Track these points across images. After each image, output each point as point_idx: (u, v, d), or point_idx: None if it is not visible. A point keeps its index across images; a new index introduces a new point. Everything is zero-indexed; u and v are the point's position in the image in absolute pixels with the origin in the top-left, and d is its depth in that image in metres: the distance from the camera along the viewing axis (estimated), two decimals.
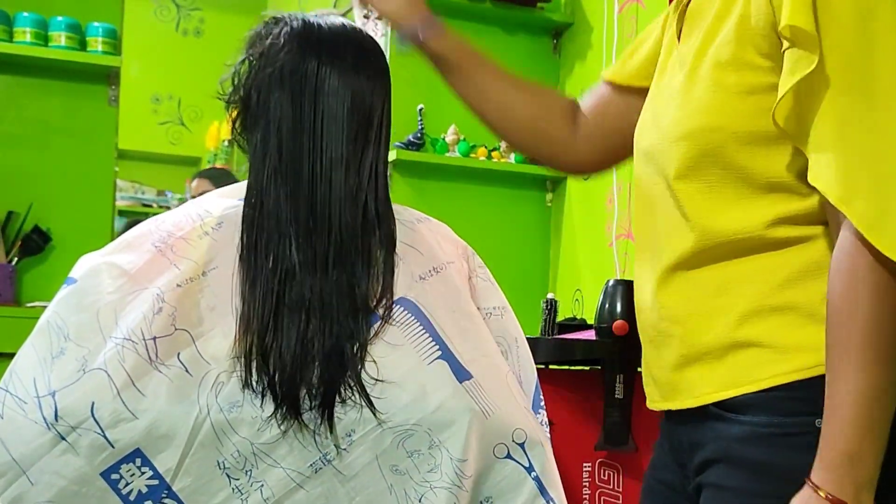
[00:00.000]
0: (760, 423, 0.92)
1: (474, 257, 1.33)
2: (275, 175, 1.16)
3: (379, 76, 1.23)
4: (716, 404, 0.96)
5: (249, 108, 1.19)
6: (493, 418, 1.11)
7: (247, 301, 1.11)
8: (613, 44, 2.80)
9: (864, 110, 0.84)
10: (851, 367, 0.84)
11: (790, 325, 0.92)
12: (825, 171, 0.85)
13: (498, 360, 1.20)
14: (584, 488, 1.76)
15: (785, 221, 0.93)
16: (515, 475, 1.12)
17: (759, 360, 0.93)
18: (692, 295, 0.98)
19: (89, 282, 1.13)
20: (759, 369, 0.93)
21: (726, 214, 0.95)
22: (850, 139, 0.84)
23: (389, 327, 1.14)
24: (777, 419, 0.91)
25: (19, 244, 2.70)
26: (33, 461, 1.02)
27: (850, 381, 0.84)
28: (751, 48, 0.92)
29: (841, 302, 0.85)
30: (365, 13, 1.52)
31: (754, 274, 0.94)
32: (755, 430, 0.92)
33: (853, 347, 0.84)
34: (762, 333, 0.93)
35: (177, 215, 1.21)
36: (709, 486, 0.98)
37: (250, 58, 1.23)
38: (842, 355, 0.85)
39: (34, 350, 1.08)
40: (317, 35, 1.21)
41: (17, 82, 2.76)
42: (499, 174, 3.06)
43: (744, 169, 0.94)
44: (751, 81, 0.92)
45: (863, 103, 0.84)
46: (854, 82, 0.84)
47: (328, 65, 1.19)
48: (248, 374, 1.07)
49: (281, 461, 1.06)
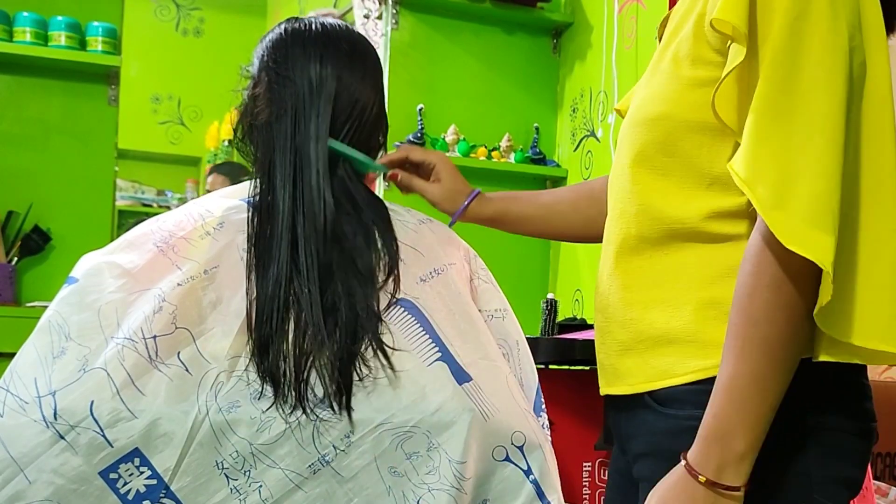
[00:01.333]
0: (685, 417, 0.95)
1: (476, 259, 1.34)
2: (279, 174, 1.16)
3: (371, 74, 1.24)
4: (649, 394, 0.99)
5: (251, 112, 1.21)
6: (493, 421, 1.11)
7: (254, 297, 1.12)
8: (613, 44, 2.81)
9: (782, 102, 0.87)
10: (736, 352, 0.88)
11: (714, 320, 0.95)
12: (739, 156, 0.88)
13: (499, 362, 1.20)
14: (584, 488, 1.76)
15: (721, 216, 0.96)
16: (514, 478, 1.12)
17: (685, 354, 0.96)
18: (631, 284, 1.02)
19: (90, 281, 1.13)
20: (684, 363, 0.96)
21: (668, 202, 0.99)
22: (764, 128, 0.87)
23: (389, 328, 1.15)
24: (699, 412, 0.92)
25: (19, 244, 2.70)
26: (31, 459, 1.02)
27: (732, 364, 0.88)
28: (705, 44, 0.95)
29: (740, 289, 0.89)
30: (365, 13, 1.52)
31: (687, 267, 0.98)
32: (680, 423, 0.96)
33: (741, 334, 0.88)
34: (689, 328, 0.96)
35: (178, 215, 1.22)
36: (643, 479, 1.01)
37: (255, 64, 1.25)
38: (731, 339, 0.89)
39: (35, 350, 1.08)
40: (313, 37, 1.22)
41: (17, 82, 2.76)
42: (499, 174, 3.06)
43: (689, 158, 0.97)
44: (703, 75, 0.95)
45: (783, 95, 0.87)
46: (778, 75, 0.87)
47: (324, 66, 1.20)
48: (263, 363, 1.08)
49: (280, 462, 1.06)
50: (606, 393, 1.09)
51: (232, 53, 4.65)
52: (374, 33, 3.16)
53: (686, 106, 0.97)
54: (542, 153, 3.09)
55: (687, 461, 0.89)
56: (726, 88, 0.90)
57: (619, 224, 1.05)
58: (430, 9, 2.98)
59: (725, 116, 0.91)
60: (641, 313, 1.01)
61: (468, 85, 3.05)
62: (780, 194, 0.84)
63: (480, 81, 3.07)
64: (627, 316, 1.03)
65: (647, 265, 1.01)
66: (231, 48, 4.98)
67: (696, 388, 0.95)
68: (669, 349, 0.98)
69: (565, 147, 3.11)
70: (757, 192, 0.85)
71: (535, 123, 3.11)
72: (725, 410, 0.88)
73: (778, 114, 0.87)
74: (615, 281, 1.05)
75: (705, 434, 0.89)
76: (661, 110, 0.99)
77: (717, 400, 0.89)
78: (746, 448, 0.87)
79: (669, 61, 1.00)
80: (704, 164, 0.96)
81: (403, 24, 2.95)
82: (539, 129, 3.11)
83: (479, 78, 3.07)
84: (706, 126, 0.95)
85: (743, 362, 0.87)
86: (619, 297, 1.04)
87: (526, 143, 3.10)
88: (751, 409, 0.87)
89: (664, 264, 0.99)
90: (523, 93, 3.12)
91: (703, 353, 0.95)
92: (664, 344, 0.98)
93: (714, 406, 0.89)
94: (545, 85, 3.15)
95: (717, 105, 0.91)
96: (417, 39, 2.97)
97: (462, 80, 3.04)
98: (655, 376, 0.99)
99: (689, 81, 0.96)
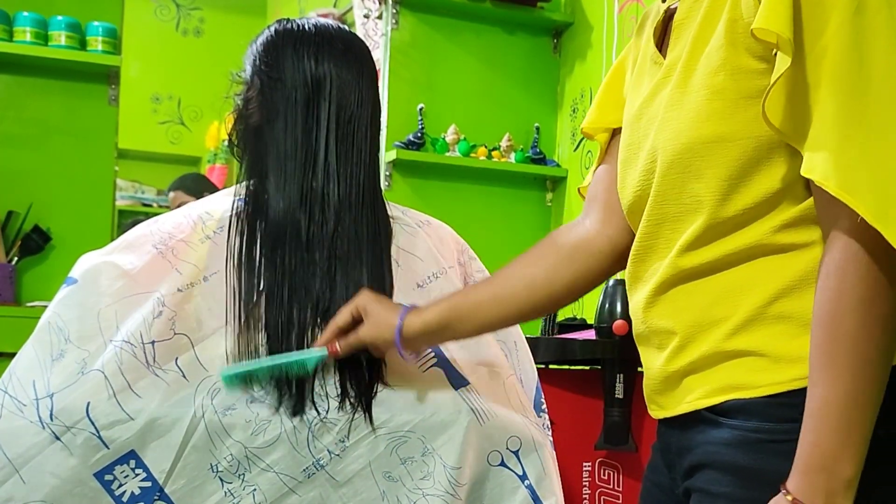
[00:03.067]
0: (749, 429, 0.91)
1: (474, 261, 1.33)
2: (272, 178, 1.15)
3: (367, 73, 1.23)
4: (707, 409, 0.95)
5: (244, 116, 1.20)
6: (488, 426, 1.10)
7: (248, 300, 1.11)
8: (613, 44, 2.81)
9: (857, 103, 0.83)
10: (830, 373, 0.83)
11: (785, 334, 0.91)
12: (821, 163, 0.83)
13: (499, 364, 1.20)
14: (584, 488, 1.76)
15: (786, 226, 0.92)
16: (509, 483, 1.11)
17: (754, 368, 0.92)
18: (688, 304, 0.97)
19: (90, 282, 1.13)
20: (753, 376, 0.91)
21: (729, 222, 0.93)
22: (846, 132, 0.83)
23: None
24: (766, 425, 0.90)
25: (19, 244, 2.70)
26: (27, 460, 1.01)
27: (827, 387, 0.83)
28: (743, 51, 0.90)
29: (827, 307, 0.84)
30: (365, 13, 1.51)
31: (751, 282, 0.93)
32: (745, 434, 0.91)
33: (835, 355, 0.83)
34: (758, 342, 0.92)
35: (177, 217, 1.21)
36: (697, 490, 0.97)
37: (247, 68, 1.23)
38: (822, 361, 0.84)
39: (34, 352, 1.08)
40: (304, 38, 1.20)
41: (17, 82, 2.76)
42: (499, 174, 3.06)
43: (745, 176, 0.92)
44: (748, 86, 0.90)
45: (856, 97, 0.83)
46: (846, 77, 0.84)
47: (318, 66, 1.18)
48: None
49: (274, 466, 1.06)
50: (660, 417, 1.03)
51: (232, 53, 4.63)
52: (374, 33, 3.15)
53: (740, 123, 0.90)
54: (542, 153, 3.09)
55: (791, 493, 0.84)
56: (776, 95, 0.86)
57: (661, 247, 0.99)
58: (430, 9, 2.98)
59: (779, 123, 0.86)
60: (703, 334, 0.95)
61: (468, 85, 3.05)
62: (884, 198, 0.80)
63: (481, 81, 3.07)
64: (685, 336, 0.96)
65: (704, 285, 0.95)
66: (231, 48, 4.95)
67: (763, 401, 0.90)
68: (734, 364, 0.93)
69: (565, 147, 3.11)
70: (862, 200, 0.80)
71: (536, 123, 3.11)
72: (827, 438, 0.82)
73: (860, 119, 0.83)
74: (668, 305, 0.99)
75: (809, 465, 0.83)
76: (714, 132, 0.91)
77: (813, 427, 0.83)
78: (854, 472, 0.83)
79: (703, 75, 0.92)
80: (767, 181, 0.91)
81: (403, 24, 2.95)
82: (539, 129, 3.11)
83: (479, 78, 3.07)
84: (765, 142, 0.90)
85: (841, 384, 0.82)
86: (675, 319, 0.98)
87: (526, 143, 3.10)
88: (854, 432, 0.82)
89: (725, 282, 0.94)
90: (523, 93, 3.12)
91: (775, 367, 0.90)
92: (729, 360, 0.93)
93: (813, 432, 0.83)
94: (545, 85, 3.15)
95: (769, 113, 0.86)
96: (417, 39, 2.97)
97: (462, 80, 3.04)
98: (717, 391, 0.94)
99: (736, 95, 0.90)
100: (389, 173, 2.94)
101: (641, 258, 1.02)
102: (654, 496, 1.09)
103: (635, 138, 1.03)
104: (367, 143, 1.21)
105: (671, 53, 0.99)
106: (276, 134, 1.16)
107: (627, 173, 1.05)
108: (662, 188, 0.97)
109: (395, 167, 2.95)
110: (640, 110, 1.03)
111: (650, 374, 1.03)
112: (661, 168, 0.97)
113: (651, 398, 1.04)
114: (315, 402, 1.08)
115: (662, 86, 0.98)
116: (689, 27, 0.96)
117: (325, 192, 1.16)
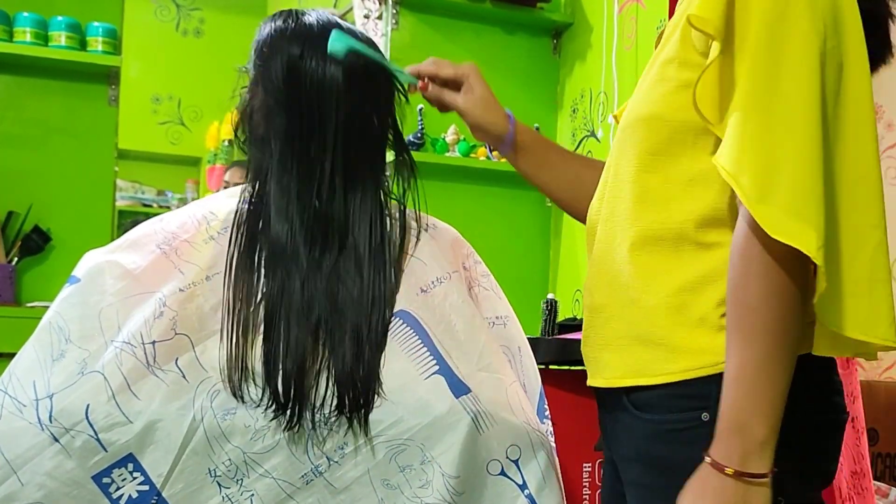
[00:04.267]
0: (659, 421, 0.98)
1: (478, 265, 1.32)
2: (276, 189, 1.14)
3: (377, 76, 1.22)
4: (627, 397, 1.02)
5: (248, 116, 1.19)
6: (488, 434, 1.09)
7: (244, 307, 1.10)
8: (613, 44, 2.80)
9: (763, 98, 0.89)
10: (738, 342, 0.89)
11: (682, 326, 0.97)
12: (723, 151, 0.90)
13: (501, 372, 1.19)
14: (584, 488, 1.76)
15: (706, 223, 0.98)
16: (508, 493, 1.11)
17: (655, 357, 0.99)
18: (612, 279, 1.04)
19: (92, 281, 1.12)
20: (654, 365, 0.99)
21: (654, 203, 1.01)
22: (746, 123, 0.89)
23: (387, 340, 1.14)
24: (670, 416, 0.97)
25: (19, 244, 2.70)
26: (25, 462, 1.01)
27: (737, 355, 0.89)
28: (690, 46, 0.98)
29: (733, 281, 0.91)
30: (365, 13, 1.50)
31: (662, 270, 1.00)
32: (656, 427, 0.99)
33: (740, 323, 0.89)
34: (659, 332, 0.99)
35: (181, 216, 1.20)
36: (628, 483, 1.05)
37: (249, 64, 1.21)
38: (732, 331, 0.90)
39: (35, 352, 1.08)
40: (307, 33, 1.18)
41: (17, 82, 2.76)
42: (499, 174, 3.06)
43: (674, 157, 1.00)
44: (688, 77, 0.97)
45: (764, 92, 0.90)
46: (760, 73, 0.90)
47: (318, 61, 1.16)
48: (242, 380, 1.07)
49: (272, 471, 1.06)
50: (590, 385, 1.11)
51: (232, 53, 4.64)
52: (374, 33, 3.15)
53: (674, 107, 0.99)
54: None
55: (710, 457, 0.90)
56: (706, 84, 0.93)
57: (607, 225, 1.07)
58: (430, 9, 2.98)
59: (706, 111, 0.93)
60: (621, 311, 1.03)
61: None
62: (764, 186, 0.87)
63: None
64: (609, 312, 1.05)
65: (627, 265, 1.02)
66: (231, 48, 4.97)
67: (665, 392, 0.98)
68: (642, 350, 1.00)
69: (565, 147, 3.10)
70: (742, 184, 0.88)
71: (536, 124, 3.10)
72: (739, 401, 0.89)
73: (759, 110, 0.89)
74: (600, 277, 1.07)
75: (724, 427, 0.90)
76: (649, 111, 1.01)
77: (729, 391, 0.90)
78: (767, 433, 0.88)
79: (659, 64, 1.02)
80: (687, 163, 0.99)
81: (403, 24, 2.95)
82: (539, 129, 3.11)
83: None
84: (691, 126, 0.98)
85: (748, 350, 0.88)
86: (604, 293, 1.06)
87: None
88: (764, 395, 0.88)
89: (643, 264, 1.01)
90: (523, 93, 3.12)
91: (672, 356, 0.97)
92: (637, 344, 1.01)
93: (727, 398, 0.90)
94: (545, 85, 3.15)
95: (698, 100, 0.93)
96: (417, 39, 2.97)
97: None
98: (629, 374, 1.01)
99: (677, 83, 0.99)
100: (389, 173, 2.94)
101: (591, 231, 1.11)
102: (608, 472, 1.17)
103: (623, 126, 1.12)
104: (374, 153, 1.20)
105: (656, 49, 1.09)
106: (280, 135, 1.15)
107: None
108: (609, 164, 1.09)
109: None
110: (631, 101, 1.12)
111: (585, 342, 1.12)
112: (615, 146, 1.07)
113: (587, 366, 1.13)
114: (314, 410, 1.08)
115: (644, 77, 1.08)
116: (673, 23, 1.05)
117: (328, 213, 1.14)
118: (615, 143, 1.08)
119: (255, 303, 1.10)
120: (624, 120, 1.07)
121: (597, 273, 1.08)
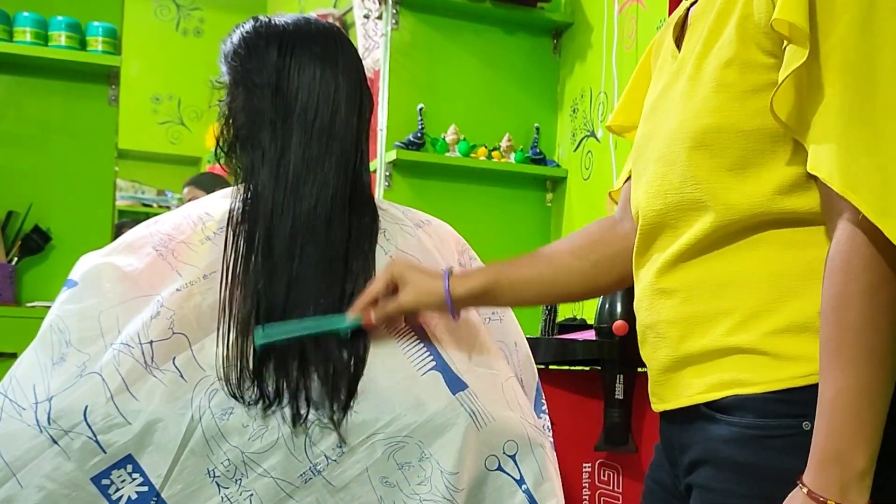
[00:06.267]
0: (748, 425, 0.92)
1: (474, 262, 1.32)
2: (265, 185, 1.14)
3: (349, 71, 1.19)
4: (706, 404, 0.96)
5: (232, 118, 1.18)
6: (486, 430, 1.09)
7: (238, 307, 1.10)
8: (613, 44, 2.80)
9: (864, 103, 0.85)
10: (839, 365, 0.84)
11: (786, 332, 0.91)
12: (826, 160, 0.85)
13: (498, 367, 1.19)
14: (583, 489, 1.76)
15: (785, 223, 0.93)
16: (506, 488, 1.11)
17: (753, 365, 0.92)
18: (689, 295, 0.97)
19: (90, 284, 1.12)
20: (752, 374, 0.92)
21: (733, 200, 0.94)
22: (852, 130, 0.85)
23: (383, 336, 1.14)
24: (764, 421, 0.91)
25: (19, 244, 2.70)
26: (24, 464, 1.01)
27: (837, 379, 0.84)
28: (753, 46, 0.92)
29: (833, 299, 0.85)
30: (365, 13, 1.50)
31: (754, 275, 0.94)
32: (742, 431, 0.92)
33: (842, 346, 0.84)
34: (758, 340, 0.92)
35: (176, 218, 1.20)
36: (697, 486, 0.98)
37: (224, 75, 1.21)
38: (831, 354, 0.85)
39: (36, 356, 1.08)
40: (286, 38, 1.18)
41: (17, 82, 2.76)
42: (499, 174, 3.06)
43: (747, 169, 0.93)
44: (754, 80, 0.92)
45: (863, 96, 0.85)
46: (855, 76, 0.85)
47: (301, 64, 1.16)
48: (241, 380, 1.07)
49: (271, 471, 1.06)
50: (660, 409, 1.04)
51: None
52: (374, 33, 3.16)
53: (741, 115, 0.92)
54: (542, 153, 3.09)
55: (807, 486, 0.85)
56: (785, 90, 0.87)
57: (665, 236, 1.00)
58: (430, 9, 2.98)
59: (785, 117, 0.88)
60: (702, 328, 0.96)
61: (468, 85, 3.05)
62: (885, 196, 0.82)
63: (480, 81, 3.07)
64: (685, 330, 0.98)
65: (705, 274, 0.96)
66: None
67: (762, 397, 0.91)
68: (734, 360, 0.94)
69: (565, 147, 3.11)
70: (864, 198, 0.82)
71: (536, 123, 3.10)
72: (838, 429, 0.83)
73: (866, 118, 0.84)
74: (666, 294, 1.00)
75: (821, 457, 0.84)
76: (712, 122, 0.93)
77: (826, 418, 0.84)
78: (867, 464, 0.84)
79: (714, 68, 0.94)
80: (767, 174, 0.92)
81: (403, 24, 2.95)
82: (539, 129, 3.11)
83: (479, 78, 3.06)
84: (767, 134, 0.92)
85: (848, 374, 0.83)
86: (674, 310, 0.99)
87: (526, 143, 3.10)
88: (866, 424, 0.83)
89: (726, 272, 0.95)
90: (523, 93, 3.12)
91: (775, 364, 0.91)
92: (730, 356, 0.94)
93: (825, 425, 0.84)
94: (545, 85, 3.15)
95: (776, 107, 0.88)
96: (417, 39, 2.97)
97: (462, 80, 3.04)
98: (716, 387, 0.95)
99: (742, 88, 0.92)
100: (389, 173, 2.94)
101: (644, 249, 1.04)
102: (657, 494, 1.10)
103: (649, 129, 1.05)
104: (356, 145, 1.18)
105: (685, 47, 1.02)
106: (265, 143, 1.15)
107: (640, 165, 1.06)
108: (668, 178, 0.99)
109: (395, 167, 2.95)
110: (656, 102, 1.05)
111: (652, 365, 1.04)
112: (668, 158, 0.98)
113: (653, 391, 1.05)
114: (311, 408, 1.08)
115: (676, 79, 1.01)
116: (704, 22, 0.98)
117: (322, 208, 1.14)
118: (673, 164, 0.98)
119: (251, 301, 1.10)
120: (680, 136, 0.96)
121: (655, 287, 1.01)
